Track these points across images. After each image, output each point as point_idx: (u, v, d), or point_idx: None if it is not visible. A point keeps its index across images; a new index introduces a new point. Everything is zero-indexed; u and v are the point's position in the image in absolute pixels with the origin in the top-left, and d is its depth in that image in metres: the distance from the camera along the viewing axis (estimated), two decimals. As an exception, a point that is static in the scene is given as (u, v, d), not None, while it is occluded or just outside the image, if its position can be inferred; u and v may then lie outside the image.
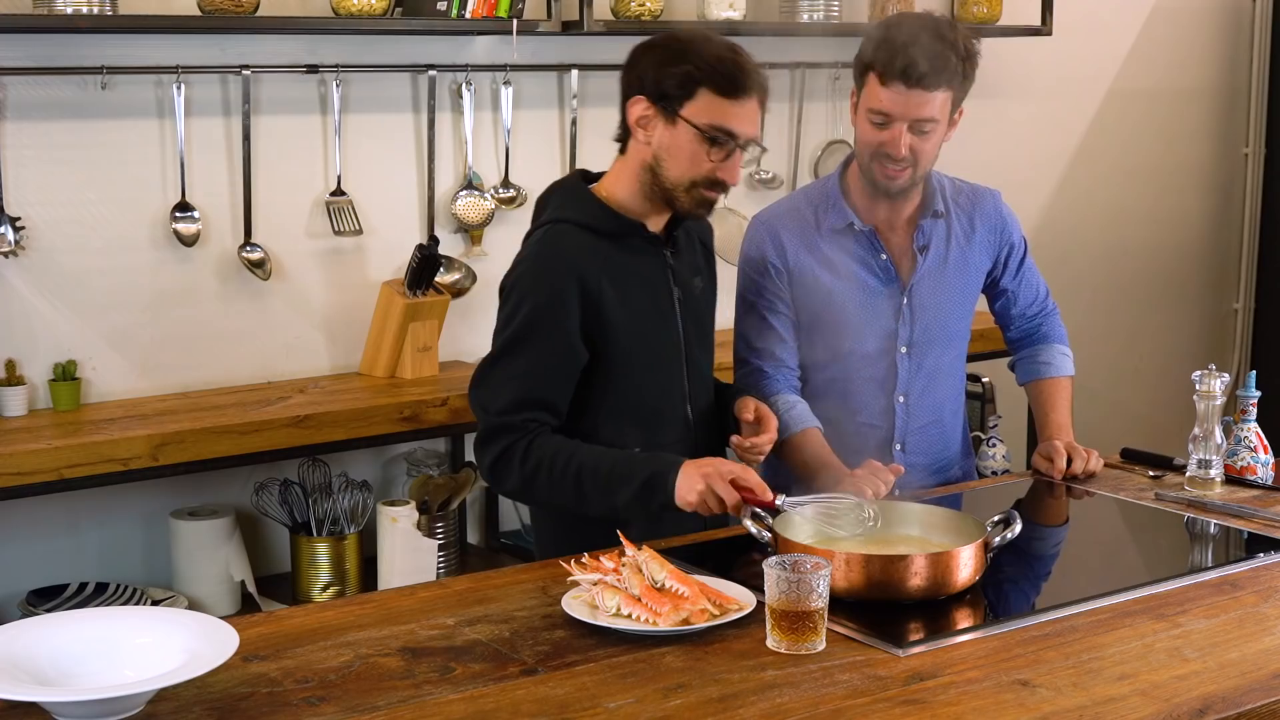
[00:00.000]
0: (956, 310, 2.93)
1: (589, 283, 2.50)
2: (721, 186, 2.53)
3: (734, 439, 2.62)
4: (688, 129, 2.47)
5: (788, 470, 2.81)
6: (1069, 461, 2.90)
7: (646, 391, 2.60)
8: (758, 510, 2.37)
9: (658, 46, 2.53)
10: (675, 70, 2.46)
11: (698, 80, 2.45)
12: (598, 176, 2.66)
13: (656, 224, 2.61)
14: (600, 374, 2.55)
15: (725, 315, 2.87)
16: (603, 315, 2.51)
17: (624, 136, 2.58)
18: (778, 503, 2.36)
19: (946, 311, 2.90)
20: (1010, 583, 2.43)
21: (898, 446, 2.90)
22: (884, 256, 2.84)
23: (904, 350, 2.86)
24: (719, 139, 2.48)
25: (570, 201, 2.58)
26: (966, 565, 2.24)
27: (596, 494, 2.46)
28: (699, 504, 2.39)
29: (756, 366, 2.86)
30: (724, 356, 2.89)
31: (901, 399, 2.88)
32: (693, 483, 2.39)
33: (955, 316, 2.93)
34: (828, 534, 2.34)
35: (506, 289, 2.56)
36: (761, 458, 2.62)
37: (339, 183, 3.81)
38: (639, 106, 2.51)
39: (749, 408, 2.62)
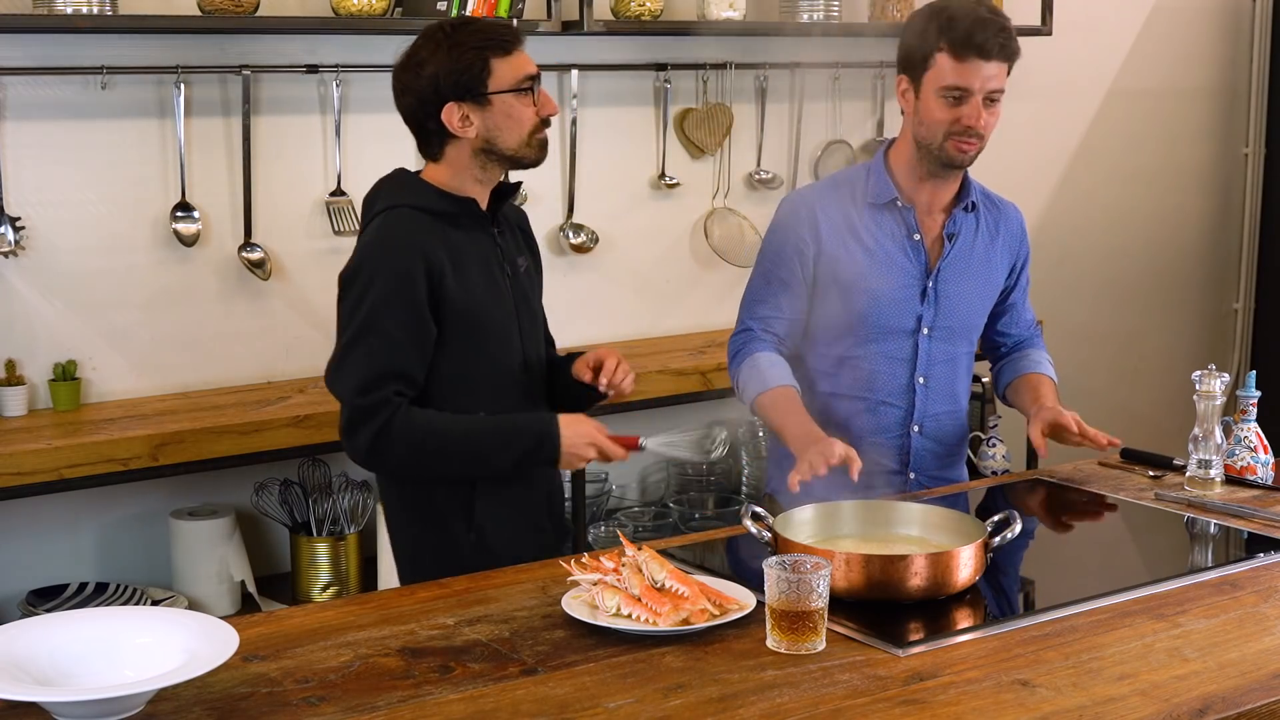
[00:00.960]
0: (977, 304, 2.98)
1: (431, 260, 2.59)
2: (547, 122, 2.68)
3: (601, 387, 2.76)
4: (501, 99, 2.62)
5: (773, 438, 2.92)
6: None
7: (488, 362, 2.68)
8: (757, 510, 2.38)
9: (435, 55, 2.61)
10: (462, 62, 2.60)
11: (486, 56, 2.60)
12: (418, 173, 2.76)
13: (482, 205, 2.72)
14: (446, 347, 2.64)
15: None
16: (445, 291, 2.60)
17: (434, 144, 2.67)
18: (641, 442, 2.63)
19: (969, 302, 2.96)
20: (1010, 583, 2.43)
21: (916, 428, 2.94)
22: (917, 237, 2.91)
23: (926, 332, 2.91)
24: (526, 88, 2.63)
25: (402, 189, 2.69)
26: (966, 565, 2.24)
27: (483, 457, 2.61)
28: (585, 459, 2.63)
29: (747, 328, 2.95)
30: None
31: (922, 380, 2.93)
32: (581, 439, 2.60)
33: (975, 311, 2.99)
34: (671, 456, 2.67)
35: (349, 277, 2.63)
36: (628, 389, 2.78)
37: (339, 183, 3.81)
38: (455, 112, 2.61)
39: (584, 366, 2.79)
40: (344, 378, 2.60)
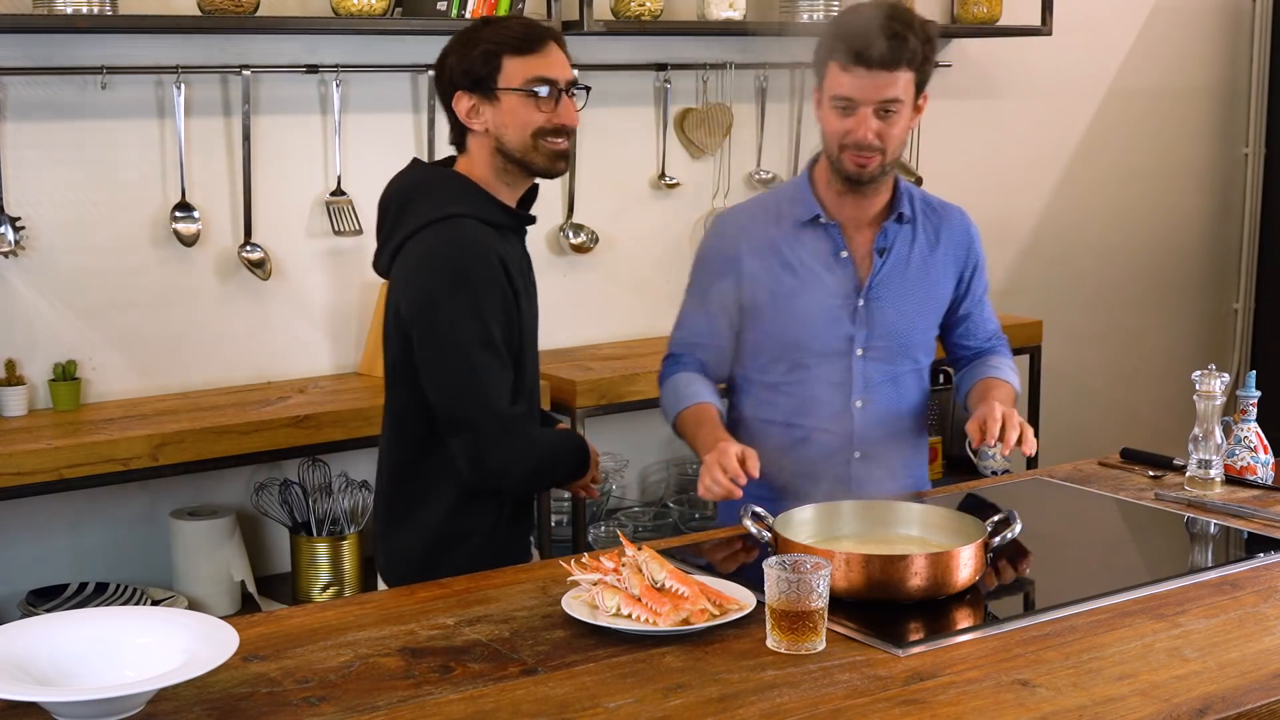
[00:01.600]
0: (919, 321, 2.84)
1: (508, 275, 2.58)
2: (562, 131, 2.63)
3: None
4: (509, 96, 2.59)
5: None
6: (1006, 434, 2.64)
7: (526, 375, 2.67)
8: (757, 510, 2.38)
9: (455, 44, 2.64)
10: (475, 54, 2.60)
11: (497, 52, 2.59)
12: (434, 165, 2.75)
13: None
14: None
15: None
16: (516, 306, 2.60)
17: (460, 137, 2.67)
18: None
19: (908, 319, 2.82)
20: (1010, 583, 2.43)
21: (856, 454, 2.80)
22: (844, 254, 2.78)
23: (860, 353, 2.78)
24: (537, 89, 2.59)
25: (461, 196, 2.61)
26: (966, 565, 2.24)
27: (556, 470, 2.71)
28: (598, 478, 2.80)
29: (671, 353, 2.89)
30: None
31: (859, 404, 2.79)
32: (594, 459, 2.74)
33: (918, 327, 2.84)
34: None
35: (445, 288, 2.52)
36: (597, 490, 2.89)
37: (339, 183, 3.81)
38: (463, 102, 2.61)
39: None
40: (481, 397, 2.53)
